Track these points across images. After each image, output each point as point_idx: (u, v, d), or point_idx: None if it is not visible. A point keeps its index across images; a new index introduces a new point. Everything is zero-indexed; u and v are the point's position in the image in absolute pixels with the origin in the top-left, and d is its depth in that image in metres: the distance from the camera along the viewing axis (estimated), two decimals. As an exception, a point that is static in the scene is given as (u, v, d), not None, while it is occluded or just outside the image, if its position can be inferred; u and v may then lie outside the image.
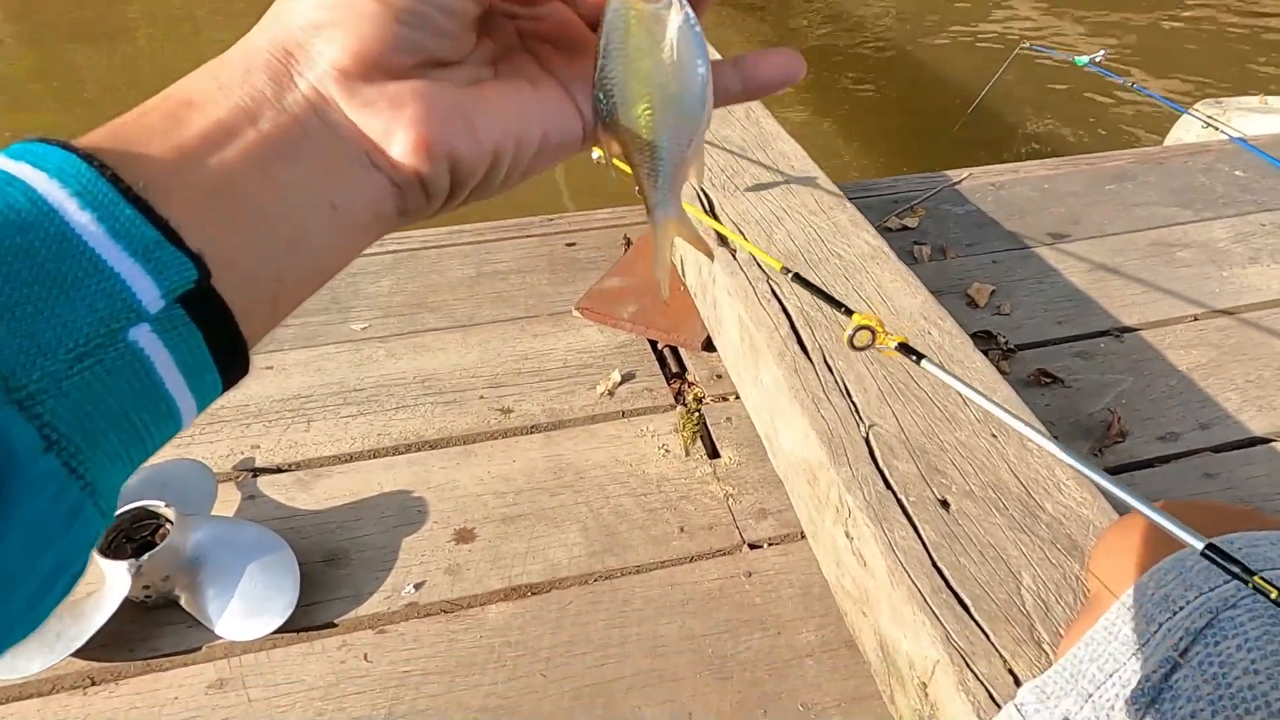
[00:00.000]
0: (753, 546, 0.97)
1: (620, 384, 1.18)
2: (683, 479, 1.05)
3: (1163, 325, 1.31)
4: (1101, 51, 1.75)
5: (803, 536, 0.97)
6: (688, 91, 0.27)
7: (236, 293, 0.22)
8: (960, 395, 0.89)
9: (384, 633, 0.87)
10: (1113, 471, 1.07)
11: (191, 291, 0.21)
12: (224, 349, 0.22)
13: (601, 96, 0.27)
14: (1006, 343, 1.25)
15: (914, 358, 0.59)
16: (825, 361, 0.94)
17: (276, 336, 1.28)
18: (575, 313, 1.31)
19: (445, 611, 0.90)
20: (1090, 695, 0.44)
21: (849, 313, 0.64)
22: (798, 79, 0.29)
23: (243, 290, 0.22)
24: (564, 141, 0.28)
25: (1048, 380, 1.20)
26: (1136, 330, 1.30)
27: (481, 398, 1.17)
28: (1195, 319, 1.33)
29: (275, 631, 0.86)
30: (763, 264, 0.89)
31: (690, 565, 0.95)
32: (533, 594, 0.91)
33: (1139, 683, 0.41)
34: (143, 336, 0.20)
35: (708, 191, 1.25)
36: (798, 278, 0.76)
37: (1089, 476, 0.46)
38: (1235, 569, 0.39)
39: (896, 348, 0.60)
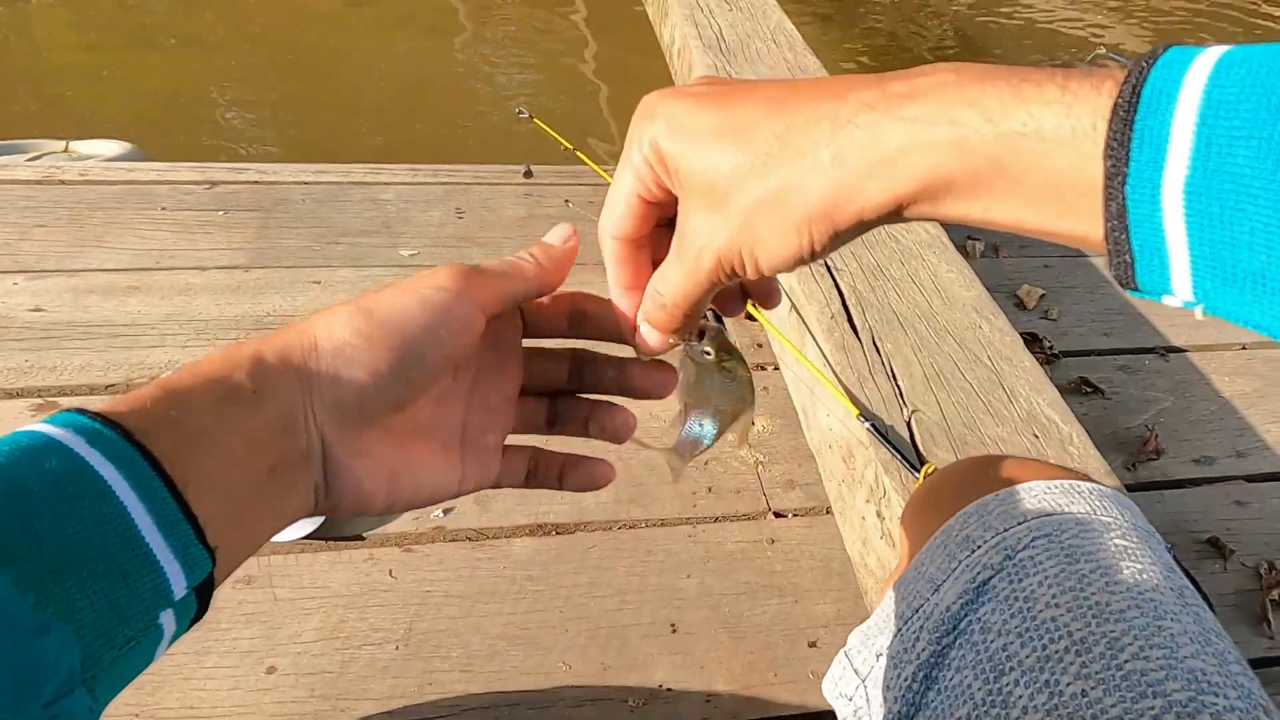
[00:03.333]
0: (778, 515, 0.97)
1: (661, 341, 1.19)
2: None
3: (1210, 350, 1.30)
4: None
5: (828, 511, 0.97)
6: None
7: (219, 574, 0.27)
8: (1007, 391, 0.89)
9: (410, 551, 0.89)
10: (1144, 488, 1.07)
11: (203, 580, 0.26)
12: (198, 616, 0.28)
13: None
14: (1051, 348, 1.25)
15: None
16: (874, 343, 0.93)
17: (326, 253, 1.28)
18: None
19: (470, 539, 0.91)
20: (899, 630, 0.47)
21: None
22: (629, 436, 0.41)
23: (221, 573, 0.28)
24: (438, 497, 0.36)
25: (1089, 390, 1.19)
26: (1183, 351, 1.29)
27: (522, 338, 1.17)
28: (1244, 348, 1.31)
29: (304, 538, 0.88)
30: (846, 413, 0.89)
31: (715, 525, 0.96)
32: (558, 533, 0.93)
33: (940, 614, 0.44)
34: (166, 619, 0.25)
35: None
36: (874, 429, 0.83)
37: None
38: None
39: None
